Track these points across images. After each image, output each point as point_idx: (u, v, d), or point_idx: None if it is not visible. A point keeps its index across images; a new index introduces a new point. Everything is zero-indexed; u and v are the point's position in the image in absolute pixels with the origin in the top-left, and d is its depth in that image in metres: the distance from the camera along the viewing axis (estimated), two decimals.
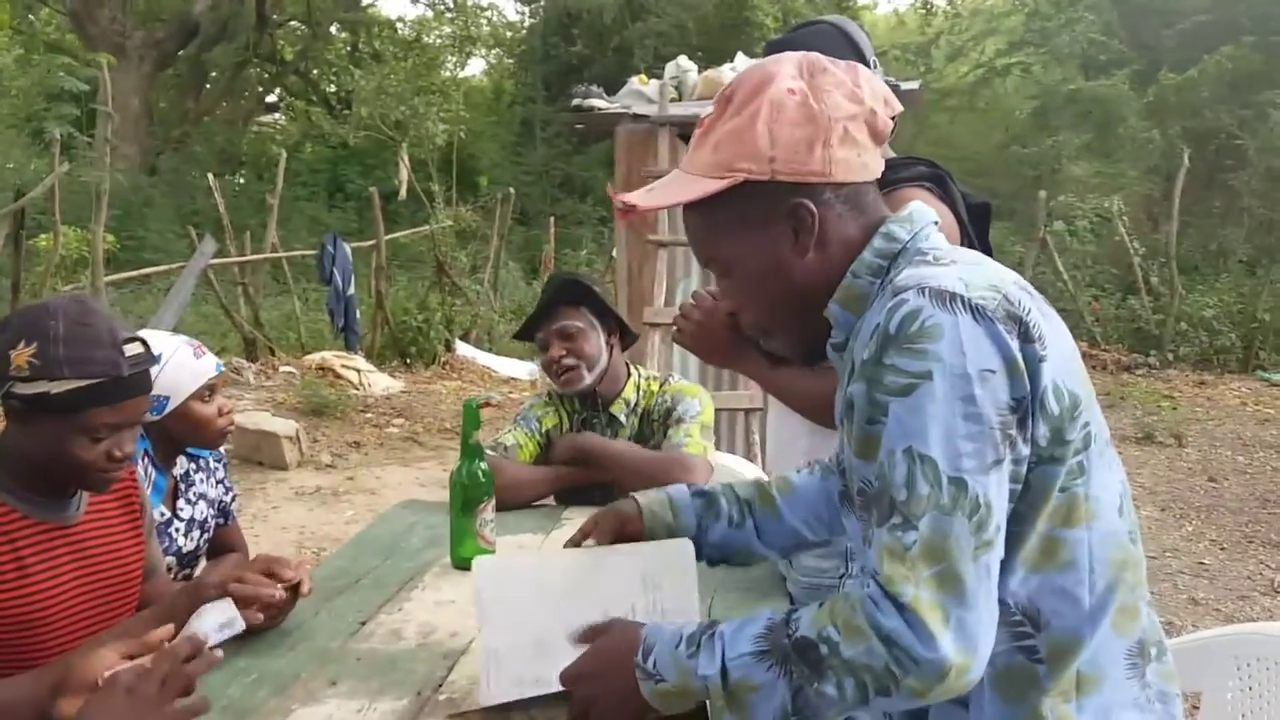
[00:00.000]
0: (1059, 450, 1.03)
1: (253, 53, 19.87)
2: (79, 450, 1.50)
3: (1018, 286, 1.07)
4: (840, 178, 1.12)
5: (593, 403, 2.53)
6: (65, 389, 1.45)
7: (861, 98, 1.13)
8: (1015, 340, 1.00)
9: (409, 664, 1.53)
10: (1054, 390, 1.02)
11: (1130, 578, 1.08)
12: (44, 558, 1.55)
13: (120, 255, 11.14)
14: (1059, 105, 16.54)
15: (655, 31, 17.83)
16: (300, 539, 5.21)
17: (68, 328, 1.46)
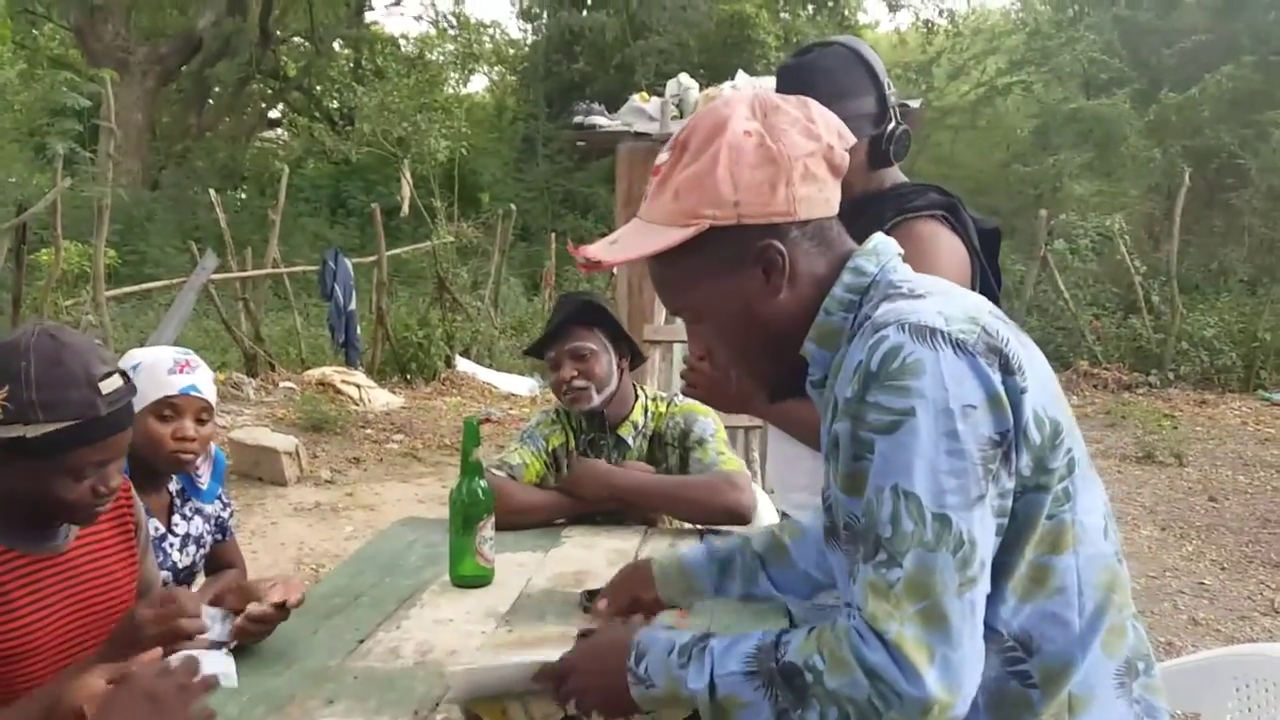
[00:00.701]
0: (1043, 479, 1.03)
1: (256, 69, 19.95)
2: (62, 490, 1.45)
3: (994, 316, 1.07)
4: (805, 215, 1.12)
5: (600, 424, 2.52)
6: (41, 433, 1.39)
7: (818, 134, 1.13)
8: (997, 373, 1.00)
9: (407, 683, 1.53)
10: (1035, 420, 1.02)
11: (1118, 598, 1.09)
12: (30, 590, 1.51)
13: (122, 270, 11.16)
14: (1060, 124, 16.59)
15: (657, 49, 17.91)
16: (299, 555, 5.19)
17: (40, 369, 1.40)
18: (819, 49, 1.89)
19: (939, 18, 21.78)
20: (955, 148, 20.05)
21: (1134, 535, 5.62)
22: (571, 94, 17.36)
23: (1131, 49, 17.35)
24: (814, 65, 1.84)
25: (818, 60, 1.84)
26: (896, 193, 1.88)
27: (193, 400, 2.06)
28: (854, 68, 1.84)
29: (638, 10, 18.29)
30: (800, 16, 20.14)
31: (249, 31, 18.97)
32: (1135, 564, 5.10)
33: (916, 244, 1.72)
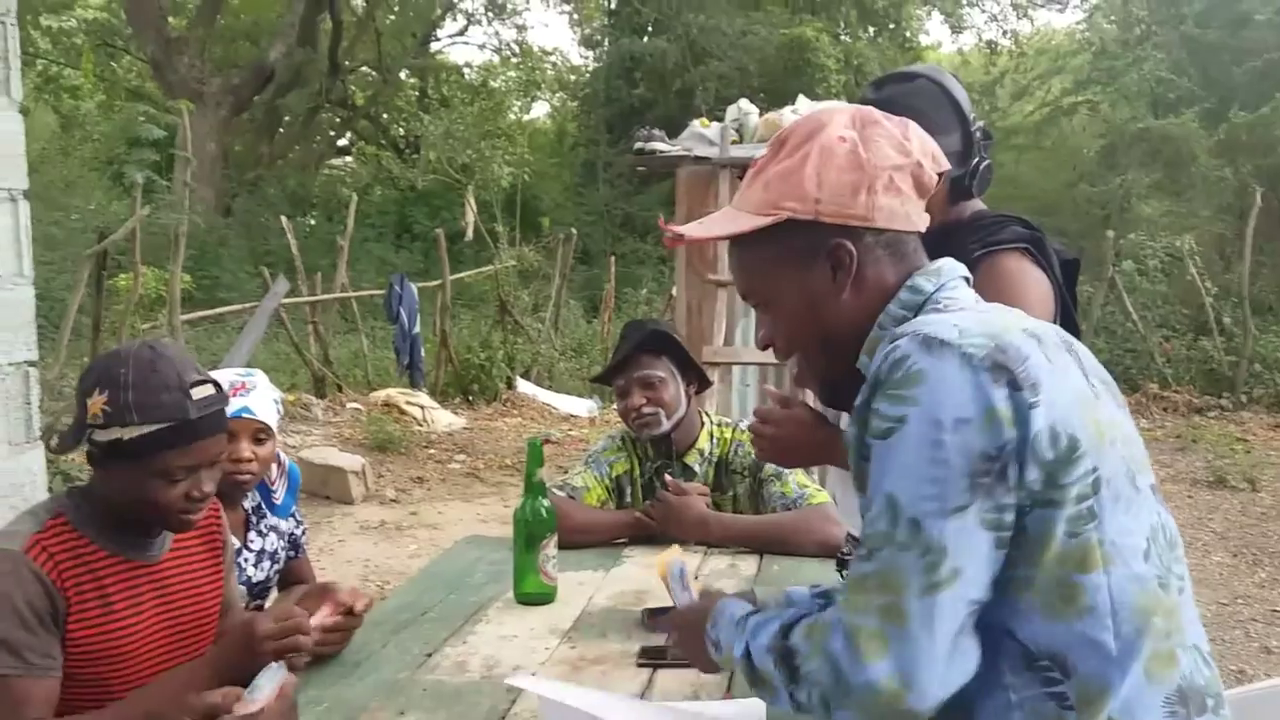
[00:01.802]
0: (1055, 494, 1.03)
1: (325, 98, 20.45)
2: (156, 493, 1.53)
3: (1025, 334, 1.09)
4: (882, 224, 1.17)
5: (667, 450, 2.53)
6: (136, 434, 1.49)
7: (909, 150, 1.18)
8: (1001, 389, 1.02)
9: (474, 696, 1.58)
10: (1049, 435, 1.02)
11: (1161, 624, 1.06)
12: (128, 594, 1.59)
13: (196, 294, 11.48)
14: (1127, 144, 16.31)
15: (717, 74, 17.99)
16: (365, 572, 5.29)
17: (136, 374, 1.50)
18: (901, 82, 1.86)
19: (1002, 38, 21.62)
20: (1020, 168, 19.79)
21: (1205, 561, 5.50)
22: (632, 119, 17.51)
23: (1200, 67, 17.03)
24: (898, 102, 1.77)
25: (902, 96, 1.80)
26: (978, 223, 1.87)
27: (246, 422, 2.12)
28: (940, 104, 1.81)
29: (698, 36, 18.41)
30: (861, 39, 20.10)
31: (319, 62, 19.45)
32: (1206, 590, 4.99)
33: (1003, 279, 1.74)
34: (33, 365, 2.72)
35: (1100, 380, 1.16)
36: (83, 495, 1.61)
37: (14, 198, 2.63)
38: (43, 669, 1.47)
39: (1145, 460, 1.15)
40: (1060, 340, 1.14)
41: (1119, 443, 1.09)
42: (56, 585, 1.50)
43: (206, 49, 19.22)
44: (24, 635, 1.46)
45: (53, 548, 1.52)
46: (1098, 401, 1.11)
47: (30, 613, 1.47)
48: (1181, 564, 1.13)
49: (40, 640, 1.47)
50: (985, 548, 1.02)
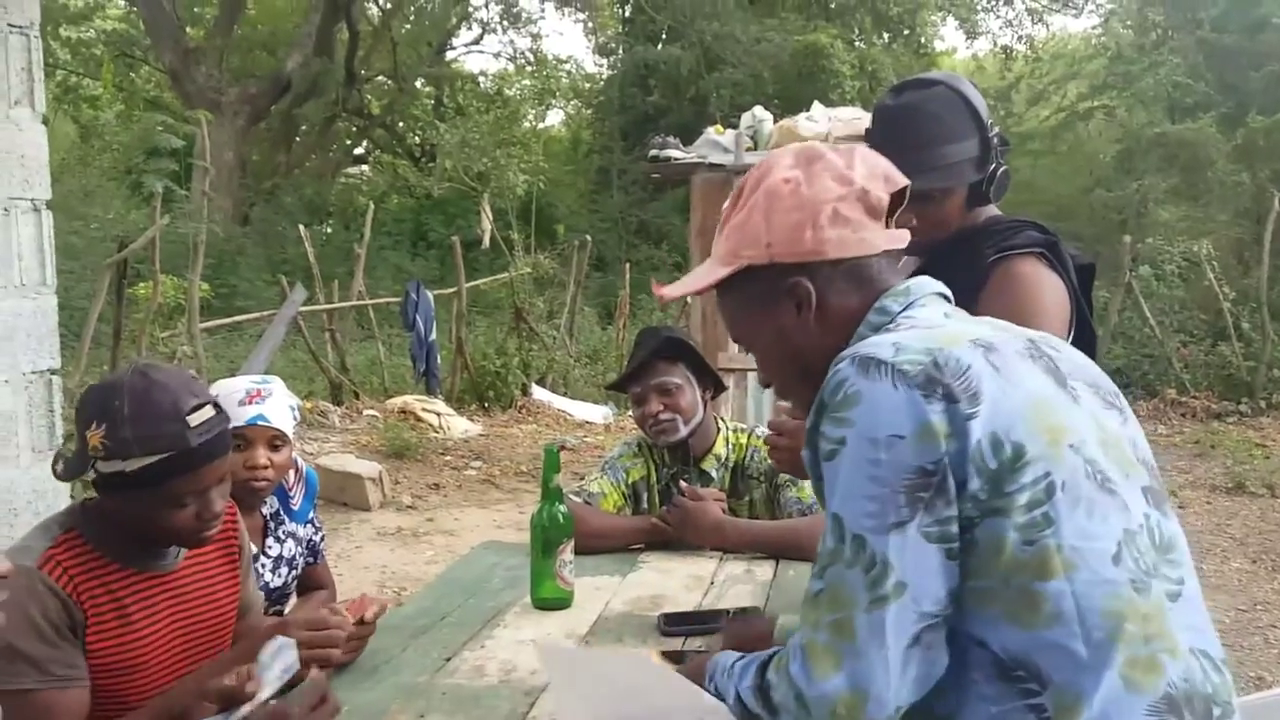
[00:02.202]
0: (1002, 502, 1.03)
1: (341, 107, 20.57)
2: (167, 518, 1.54)
3: (972, 345, 1.10)
4: (834, 255, 1.20)
5: (684, 456, 2.55)
6: (138, 466, 1.48)
7: (851, 179, 1.21)
8: (935, 403, 1.04)
9: (492, 700, 1.59)
10: (991, 443, 1.04)
11: (1136, 629, 1.04)
12: (144, 605, 1.60)
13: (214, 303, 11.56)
14: (1144, 149, 16.23)
15: (731, 81, 18.01)
16: (381, 578, 5.32)
17: (132, 406, 1.48)
18: (919, 89, 1.86)
19: (1018, 44, 21.57)
20: (1035, 174, 19.72)
21: (1224, 568, 5.46)
22: (646, 126, 17.54)
23: (1217, 72, 16.94)
24: (917, 108, 1.81)
25: (921, 103, 1.82)
26: (993, 228, 1.87)
27: (261, 430, 2.13)
28: (958, 110, 1.82)
29: (712, 43, 18.43)
30: (876, 45, 20.09)
31: (335, 72, 19.57)
32: (1224, 596, 4.96)
33: (1019, 283, 1.76)
34: (55, 373, 2.76)
35: (1086, 383, 1.16)
36: (95, 509, 1.61)
37: (38, 208, 2.67)
38: (66, 680, 1.48)
39: (1134, 461, 1.13)
40: (1024, 347, 1.14)
41: (1088, 445, 1.08)
42: (73, 599, 1.51)
43: (224, 59, 19.37)
44: (45, 649, 1.46)
45: (66, 562, 1.53)
46: (1071, 405, 1.11)
47: (49, 626, 1.47)
48: (1180, 568, 1.10)
49: (62, 652, 1.48)
50: (933, 560, 1.04)
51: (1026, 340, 1.16)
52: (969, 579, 1.05)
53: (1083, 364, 1.20)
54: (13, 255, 2.62)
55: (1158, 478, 1.16)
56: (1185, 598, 1.09)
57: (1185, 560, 1.12)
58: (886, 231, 1.23)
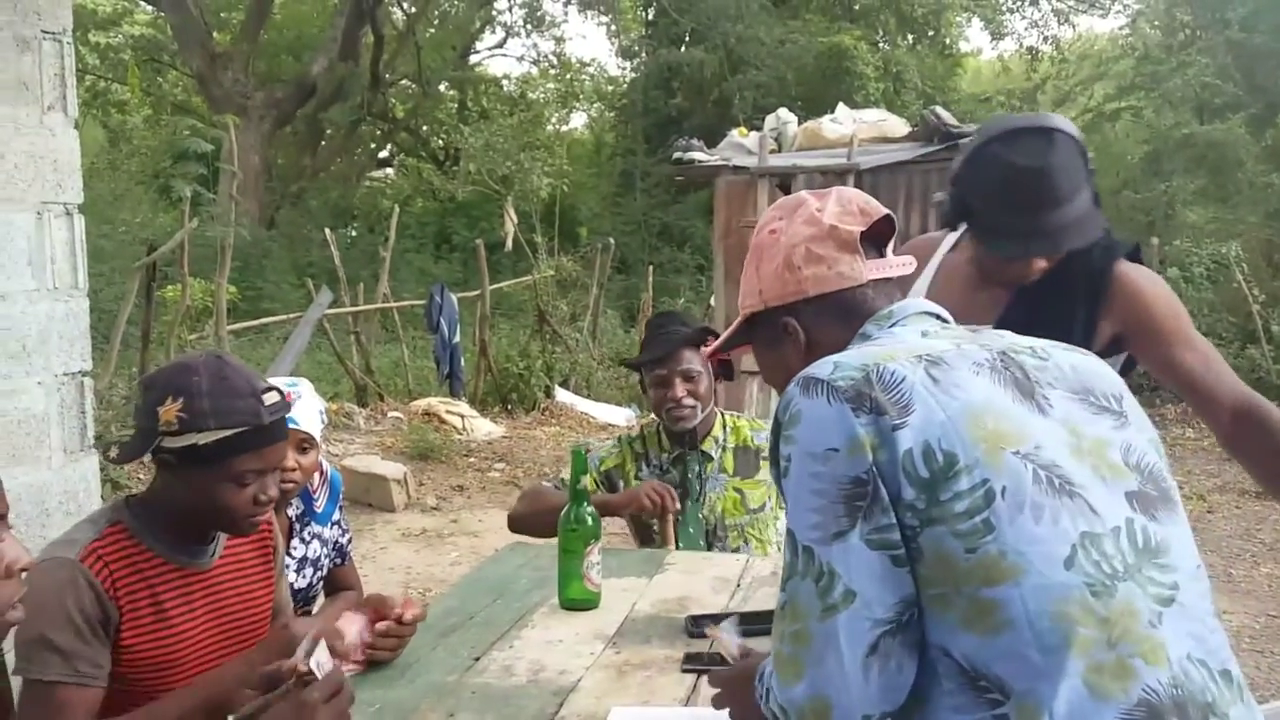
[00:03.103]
0: (938, 511, 1.05)
1: (366, 111, 20.69)
2: (227, 497, 1.57)
3: (915, 359, 1.13)
4: (814, 291, 1.29)
5: (690, 440, 2.66)
6: (212, 439, 1.52)
7: (819, 219, 1.30)
8: (862, 417, 1.08)
9: (521, 700, 1.60)
10: (922, 452, 1.06)
11: (1093, 634, 1.02)
12: (182, 601, 1.62)
13: (241, 305, 11.65)
14: (1172, 150, 16.08)
15: (754, 84, 17.98)
16: (406, 579, 5.34)
17: (210, 382, 1.54)
18: (1041, 142, 1.78)
19: (1044, 44, 21.40)
20: None
21: (1253, 573, 5.40)
22: (669, 129, 17.54)
23: (1246, 72, 16.76)
24: (1051, 169, 1.75)
25: (1054, 162, 1.75)
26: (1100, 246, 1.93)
27: (290, 433, 2.13)
28: (1077, 156, 1.80)
29: (736, 45, 18.41)
30: (900, 47, 20.00)
31: (360, 76, 19.69)
32: (1253, 602, 4.91)
33: (1151, 280, 1.95)
34: (87, 375, 2.78)
35: (1070, 390, 1.16)
36: (141, 503, 1.64)
37: (70, 211, 2.70)
38: (89, 678, 1.50)
39: (1121, 465, 1.12)
40: (986, 359, 1.15)
41: (1044, 451, 1.08)
42: (110, 594, 1.54)
43: (250, 64, 19.53)
44: (76, 643, 1.49)
45: (108, 556, 1.56)
46: (1029, 414, 1.11)
47: (83, 621, 1.50)
48: (1173, 573, 1.08)
49: (91, 650, 1.51)
50: (878, 567, 1.06)
51: (997, 353, 1.17)
52: (926, 587, 1.07)
53: (1075, 369, 1.19)
54: (45, 259, 2.65)
55: (1158, 483, 1.14)
56: (1181, 604, 1.07)
57: (1183, 566, 1.09)
58: (870, 262, 1.29)
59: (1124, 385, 1.23)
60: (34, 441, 2.57)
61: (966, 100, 19.29)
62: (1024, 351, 1.18)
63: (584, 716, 1.54)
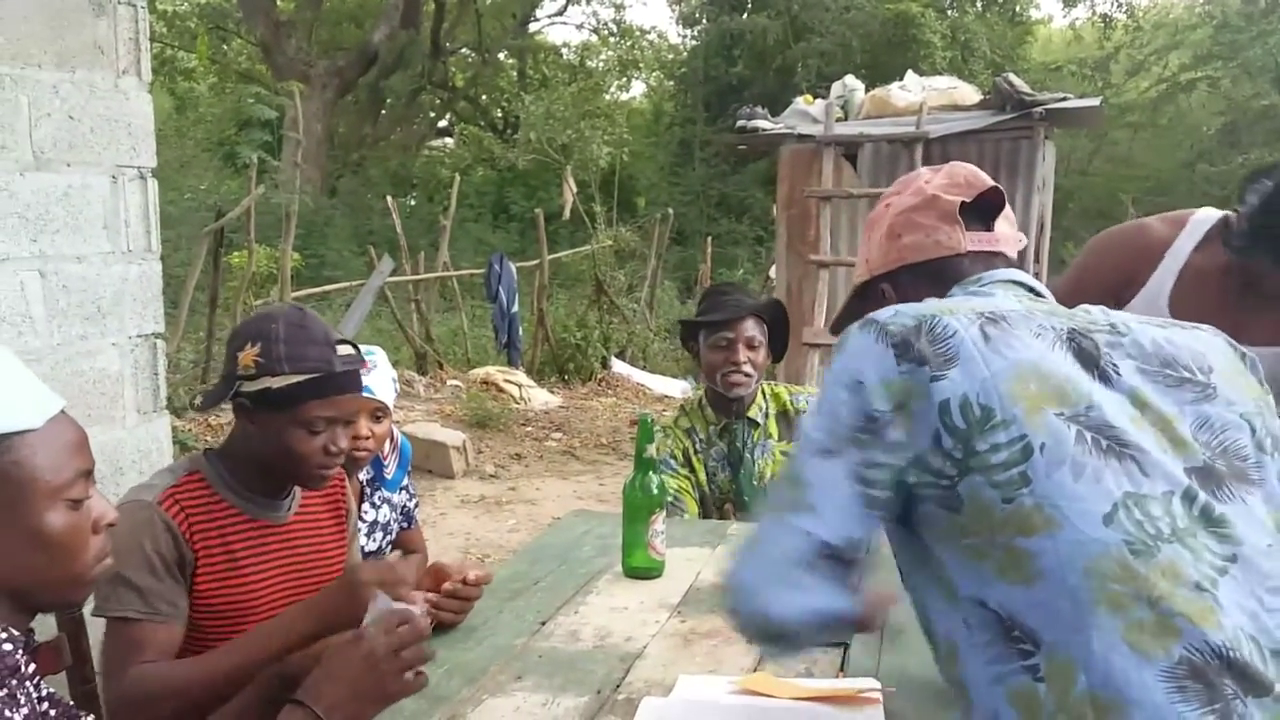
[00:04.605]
0: (974, 461, 1.08)
1: (427, 80, 20.77)
2: (297, 443, 1.60)
3: (974, 315, 1.14)
4: (912, 259, 1.33)
5: (738, 410, 2.68)
6: (284, 384, 1.56)
7: (924, 190, 1.35)
8: (904, 364, 1.11)
9: (588, 664, 1.59)
10: (960, 405, 1.09)
11: (1128, 590, 1.02)
12: (255, 552, 1.66)
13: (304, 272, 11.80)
14: (1250, 121, 15.61)
15: (818, 51, 17.71)
16: (466, 545, 5.40)
17: (287, 329, 1.58)
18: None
19: (1117, 11, 20.78)
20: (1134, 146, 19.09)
21: None
22: (729, 98, 17.37)
23: None
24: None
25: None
26: None
27: (366, 401, 2.15)
28: None
29: (799, 12, 18.14)
30: (969, 14, 19.55)
31: (421, 44, 19.76)
32: None
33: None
34: (160, 337, 2.83)
35: (1148, 363, 1.16)
36: (219, 454, 1.69)
37: (144, 175, 2.73)
38: (165, 615, 1.54)
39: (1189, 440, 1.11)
40: (1052, 325, 1.16)
41: (1094, 413, 1.09)
42: (185, 537, 1.58)
43: (313, 31, 19.70)
44: (152, 581, 1.53)
45: (185, 501, 1.60)
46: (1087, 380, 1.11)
47: (159, 560, 1.54)
48: (1233, 545, 1.06)
49: (166, 587, 1.54)
50: (845, 496, 1.11)
51: (1068, 323, 1.17)
52: (963, 537, 1.09)
53: (1160, 344, 1.18)
54: (120, 222, 2.68)
55: (1235, 460, 1.12)
56: (1235, 578, 1.05)
57: (1247, 542, 1.07)
58: (970, 234, 1.31)
59: (1229, 357, 1.21)
60: (109, 401, 2.62)
61: (1036, 69, 18.82)
62: (1101, 328, 1.18)
63: (651, 683, 1.53)
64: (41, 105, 2.41)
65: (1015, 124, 6.51)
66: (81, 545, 1.11)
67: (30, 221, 2.40)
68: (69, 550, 1.09)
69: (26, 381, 1.09)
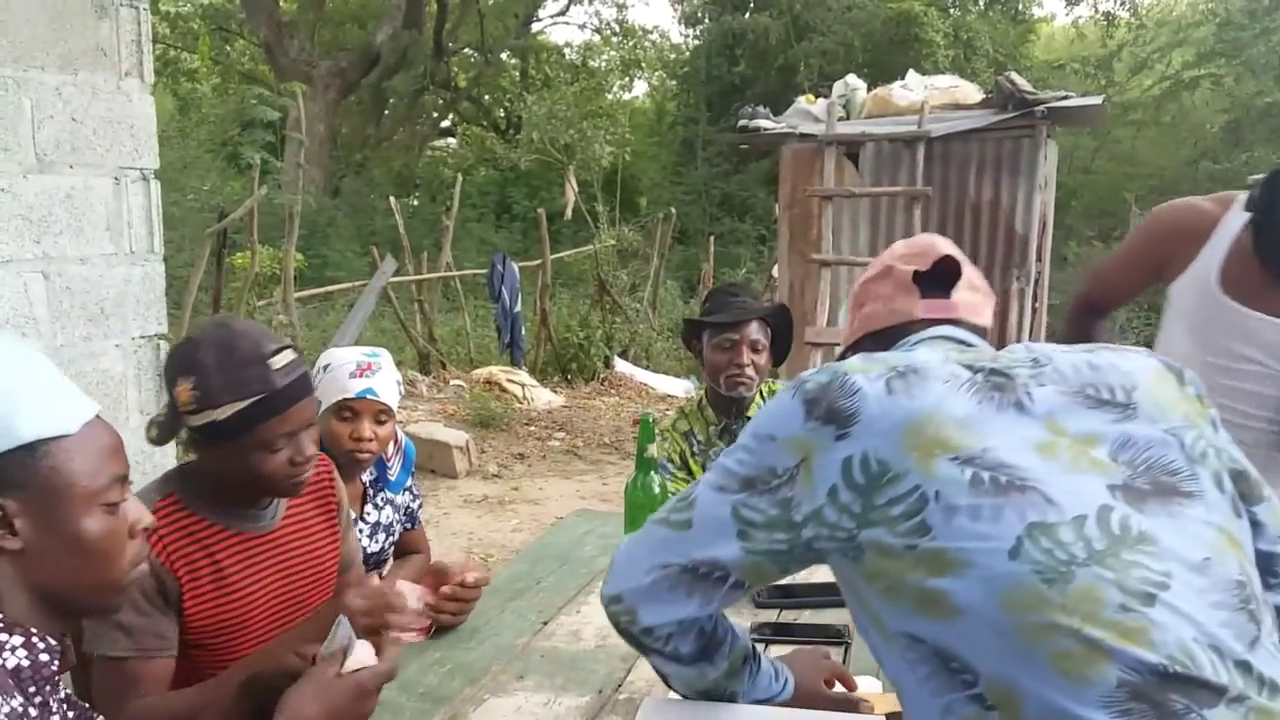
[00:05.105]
0: (874, 514, 1.10)
1: (429, 80, 20.78)
2: (261, 464, 1.54)
3: (885, 370, 1.16)
4: (871, 328, 1.39)
5: (738, 410, 2.67)
6: (229, 414, 1.49)
7: (883, 262, 1.42)
8: (809, 420, 1.16)
9: (589, 664, 1.60)
10: (860, 462, 1.11)
11: (1047, 619, 1.02)
12: (243, 566, 1.61)
13: (306, 273, 11.81)
14: (1254, 119, 15.57)
15: (820, 50, 17.70)
16: (469, 545, 5.41)
17: (217, 355, 1.50)
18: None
19: (1120, 9, 20.75)
20: (1137, 144, 19.06)
21: None
22: (731, 97, 17.37)
23: None
24: None
25: None
26: None
27: (369, 403, 2.18)
28: None
29: (801, 11, 18.13)
30: (971, 13, 19.53)
31: (424, 44, 19.77)
32: None
33: None
34: (163, 339, 2.84)
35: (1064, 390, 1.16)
36: (193, 473, 1.63)
37: (146, 177, 2.74)
38: (154, 650, 1.51)
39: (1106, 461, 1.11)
40: (967, 375, 1.16)
41: (991, 453, 1.09)
42: (166, 567, 1.53)
43: (316, 32, 19.71)
44: (136, 617, 1.50)
45: (162, 530, 1.54)
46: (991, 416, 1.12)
47: (141, 596, 1.50)
48: (1165, 561, 1.05)
49: (152, 621, 1.51)
50: (723, 526, 1.18)
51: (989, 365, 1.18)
52: (872, 583, 1.12)
53: (1082, 368, 1.19)
54: (123, 224, 2.69)
55: (1159, 476, 1.12)
56: (1177, 592, 1.04)
57: (1181, 557, 1.06)
58: (925, 301, 1.35)
59: (1158, 376, 1.21)
60: (112, 402, 2.63)
61: (1039, 67, 18.79)
62: (1022, 363, 1.20)
63: (653, 682, 1.53)
64: (44, 107, 2.42)
65: (1017, 123, 6.50)
66: (118, 550, 1.11)
67: (33, 223, 2.40)
68: (106, 555, 1.09)
69: (61, 386, 1.09)
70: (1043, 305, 7.11)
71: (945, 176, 6.68)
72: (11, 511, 1.04)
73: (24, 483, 1.04)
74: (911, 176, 6.36)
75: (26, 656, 1.04)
